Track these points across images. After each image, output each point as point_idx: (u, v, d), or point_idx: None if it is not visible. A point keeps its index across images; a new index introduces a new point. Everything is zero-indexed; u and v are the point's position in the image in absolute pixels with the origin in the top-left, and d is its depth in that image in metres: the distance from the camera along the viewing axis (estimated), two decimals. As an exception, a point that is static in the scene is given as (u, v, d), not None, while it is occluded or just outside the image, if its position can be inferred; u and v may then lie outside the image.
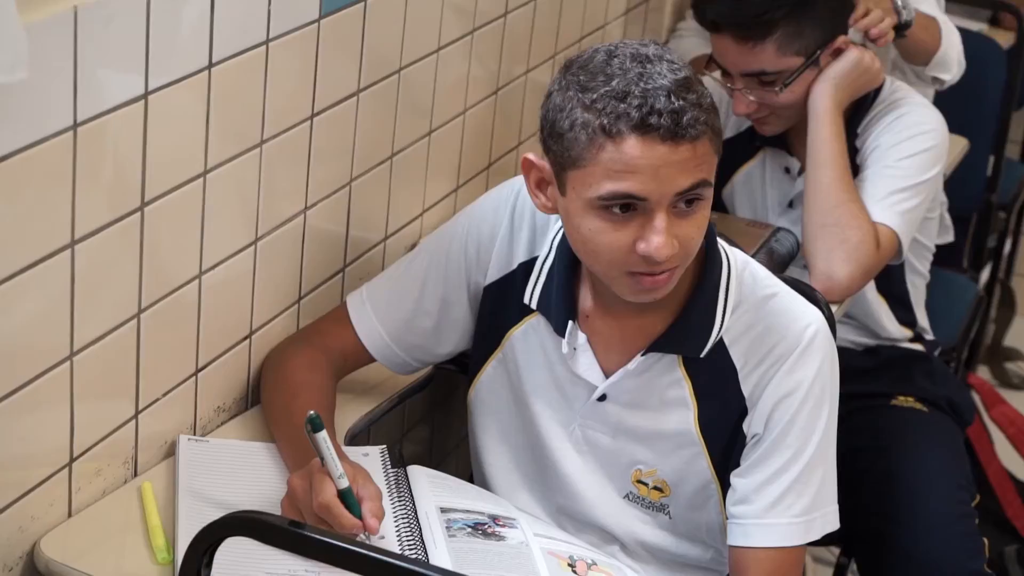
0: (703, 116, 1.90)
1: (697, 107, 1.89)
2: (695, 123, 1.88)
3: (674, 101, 1.87)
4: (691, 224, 1.95)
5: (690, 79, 1.91)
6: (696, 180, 1.91)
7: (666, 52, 1.94)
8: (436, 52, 2.57)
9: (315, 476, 1.91)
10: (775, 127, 2.90)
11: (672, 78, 1.89)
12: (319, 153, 2.30)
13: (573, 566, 2.05)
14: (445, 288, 2.23)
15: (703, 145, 1.91)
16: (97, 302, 1.93)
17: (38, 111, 1.72)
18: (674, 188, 1.90)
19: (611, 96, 1.89)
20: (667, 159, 1.89)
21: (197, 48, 1.96)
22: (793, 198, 2.96)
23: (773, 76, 2.77)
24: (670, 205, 1.92)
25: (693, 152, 1.90)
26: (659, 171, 1.89)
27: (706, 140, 1.91)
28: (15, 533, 1.92)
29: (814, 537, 2.09)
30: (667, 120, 1.87)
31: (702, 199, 1.95)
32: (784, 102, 2.80)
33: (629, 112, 1.88)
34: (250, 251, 2.21)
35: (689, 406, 2.11)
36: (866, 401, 2.95)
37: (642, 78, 1.89)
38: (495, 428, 2.26)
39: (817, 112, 2.77)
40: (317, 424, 1.89)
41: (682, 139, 1.88)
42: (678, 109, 1.87)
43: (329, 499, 1.89)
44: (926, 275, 3.14)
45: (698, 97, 1.90)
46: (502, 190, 2.22)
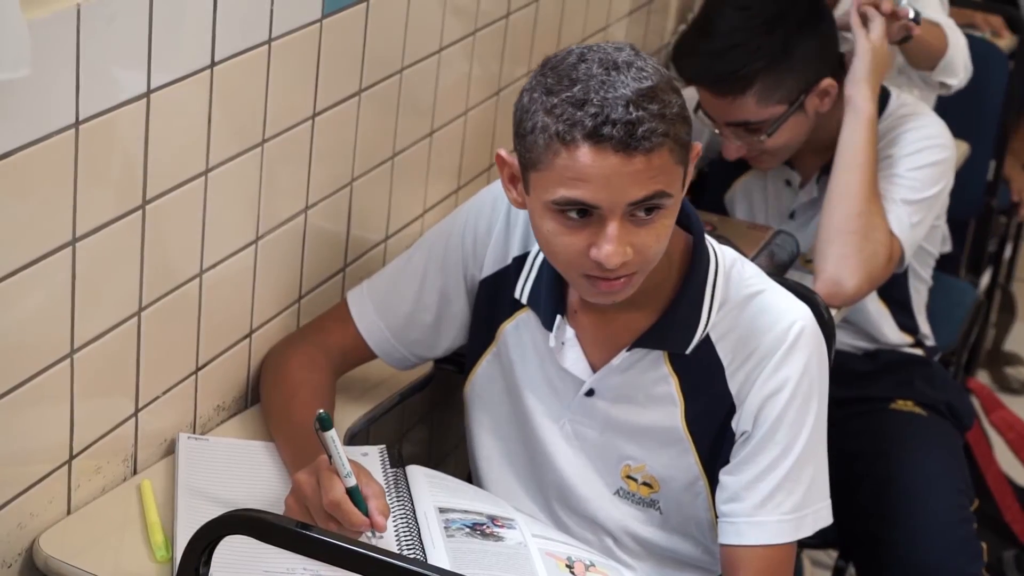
0: (662, 127, 1.88)
1: (658, 118, 1.87)
2: (651, 135, 1.86)
3: (631, 112, 1.86)
4: (649, 233, 1.94)
5: (655, 88, 1.89)
6: (650, 191, 1.90)
7: (639, 59, 1.92)
8: (438, 53, 2.57)
9: (323, 474, 1.91)
10: (770, 164, 2.92)
11: (635, 87, 1.87)
12: (320, 153, 2.30)
13: (571, 567, 2.06)
14: (444, 282, 2.24)
15: (660, 156, 1.89)
16: (98, 300, 1.93)
17: (40, 108, 1.73)
18: (626, 198, 1.90)
19: (569, 102, 1.88)
20: (619, 169, 1.88)
21: (199, 47, 1.96)
22: (795, 209, 2.96)
23: (757, 125, 2.77)
24: (627, 213, 1.91)
25: (648, 163, 1.88)
26: (611, 181, 1.88)
27: (664, 151, 1.89)
28: (14, 530, 1.92)
29: (805, 534, 2.09)
30: (620, 131, 1.86)
31: (662, 208, 1.93)
32: (772, 147, 2.81)
33: (584, 120, 1.87)
34: (251, 250, 2.21)
35: (676, 403, 2.11)
36: (865, 405, 2.94)
37: (604, 86, 1.87)
38: (490, 422, 2.27)
39: (857, 115, 2.75)
40: (327, 423, 1.89)
41: (635, 150, 1.86)
42: (634, 120, 1.86)
43: (339, 496, 1.89)
44: (929, 281, 3.14)
45: (661, 107, 1.88)
46: (499, 184, 2.22)
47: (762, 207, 3.03)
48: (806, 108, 2.78)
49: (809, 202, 2.94)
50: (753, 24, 2.72)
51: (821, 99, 2.79)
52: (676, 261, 2.08)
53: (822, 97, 2.79)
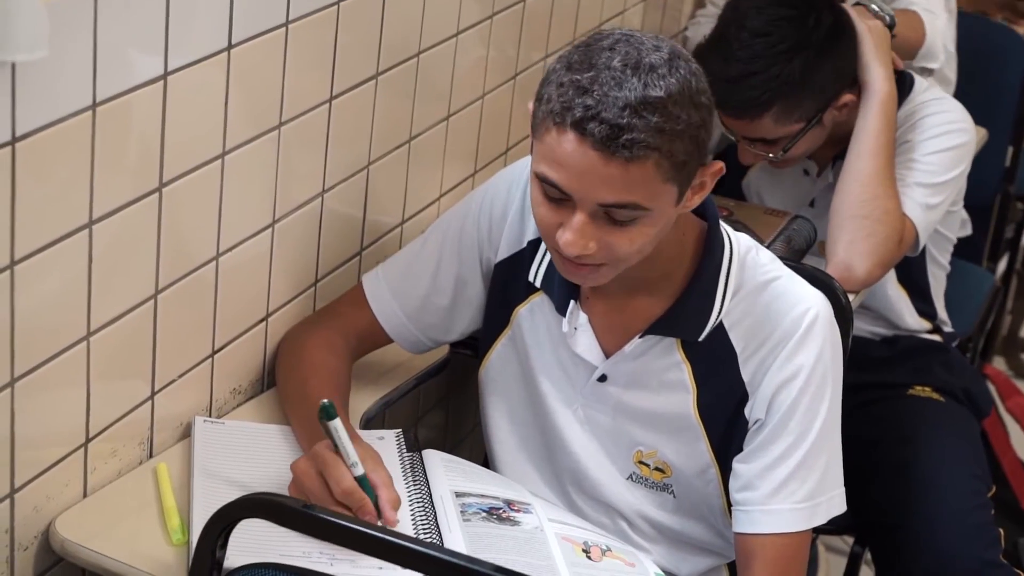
0: (653, 141, 1.83)
1: (652, 131, 1.83)
2: (634, 144, 1.83)
3: (624, 116, 1.83)
4: (622, 236, 1.92)
5: (664, 100, 1.84)
6: (621, 200, 1.88)
7: (669, 65, 1.86)
8: (455, 36, 2.57)
9: (328, 463, 1.91)
10: (791, 166, 2.91)
11: (640, 94, 1.84)
12: (337, 136, 2.30)
13: (587, 551, 2.05)
14: (459, 265, 2.23)
15: (642, 169, 1.85)
16: (114, 282, 1.93)
17: (57, 90, 1.72)
18: (596, 197, 1.88)
19: (575, 86, 1.86)
20: (595, 167, 1.85)
21: (217, 29, 1.96)
22: (815, 197, 2.95)
23: (774, 140, 2.76)
24: (599, 210, 1.90)
25: (625, 171, 1.85)
26: (585, 175, 1.87)
27: (649, 165, 1.85)
28: (31, 513, 1.92)
29: (819, 522, 2.08)
30: (604, 130, 1.83)
31: (638, 218, 1.90)
32: (789, 158, 2.80)
33: (576, 109, 1.85)
34: (267, 233, 2.21)
35: (688, 390, 2.11)
36: (883, 391, 2.94)
37: (612, 82, 1.84)
38: (504, 406, 2.27)
39: (873, 96, 2.75)
40: (331, 412, 1.89)
41: (614, 155, 1.84)
42: (623, 125, 1.83)
43: (351, 486, 1.89)
44: (947, 267, 3.13)
45: (662, 121, 1.84)
46: (516, 167, 2.22)
47: (779, 195, 3.02)
48: (824, 121, 2.78)
49: (826, 188, 2.93)
50: (773, 52, 2.68)
51: (840, 111, 2.78)
52: (690, 248, 2.07)
53: (841, 110, 2.78)
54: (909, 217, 2.71)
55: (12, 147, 1.68)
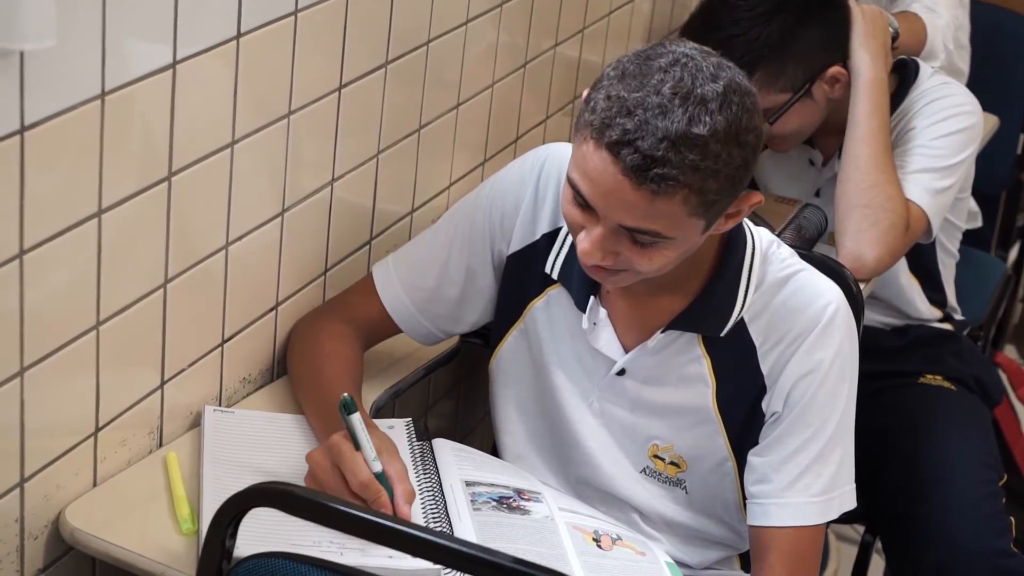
0: (685, 178, 1.81)
1: (686, 168, 1.80)
2: (664, 179, 1.80)
3: (661, 149, 1.80)
4: (641, 255, 1.91)
5: (706, 139, 1.80)
6: (643, 227, 1.87)
7: (716, 100, 1.82)
8: (464, 25, 2.56)
9: (344, 455, 1.91)
10: (785, 147, 2.90)
11: (683, 129, 1.80)
12: (346, 125, 2.29)
13: (598, 541, 2.05)
14: (470, 257, 2.23)
15: (668, 203, 1.83)
16: (124, 272, 1.93)
17: (66, 79, 1.72)
18: (618, 219, 1.87)
19: (620, 103, 1.83)
20: (621, 190, 1.84)
21: (225, 18, 1.95)
22: (820, 187, 2.95)
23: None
24: (621, 229, 1.89)
25: (651, 202, 1.83)
26: (610, 195, 1.85)
27: (676, 200, 1.83)
28: (40, 502, 1.92)
29: (832, 517, 2.09)
30: (637, 159, 1.81)
31: (658, 244, 1.90)
32: (779, 133, 2.79)
33: (615, 130, 1.82)
34: (277, 222, 2.21)
35: (708, 383, 2.10)
36: (894, 380, 2.94)
37: (658, 109, 1.81)
38: (515, 399, 2.26)
39: (859, 80, 2.75)
40: (351, 407, 1.89)
41: (642, 184, 1.82)
42: (657, 158, 1.80)
43: (368, 478, 1.89)
44: (956, 255, 3.12)
45: (699, 159, 1.80)
46: (528, 159, 2.21)
47: (785, 185, 3.02)
48: (814, 95, 2.77)
49: (832, 178, 2.92)
50: (753, 15, 2.71)
51: (831, 86, 2.78)
52: (712, 244, 2.07)
53: (832, 84, 2.78)
54: (919, 203, 2.70)
55: (21, 136, 1.67)
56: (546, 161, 2.17)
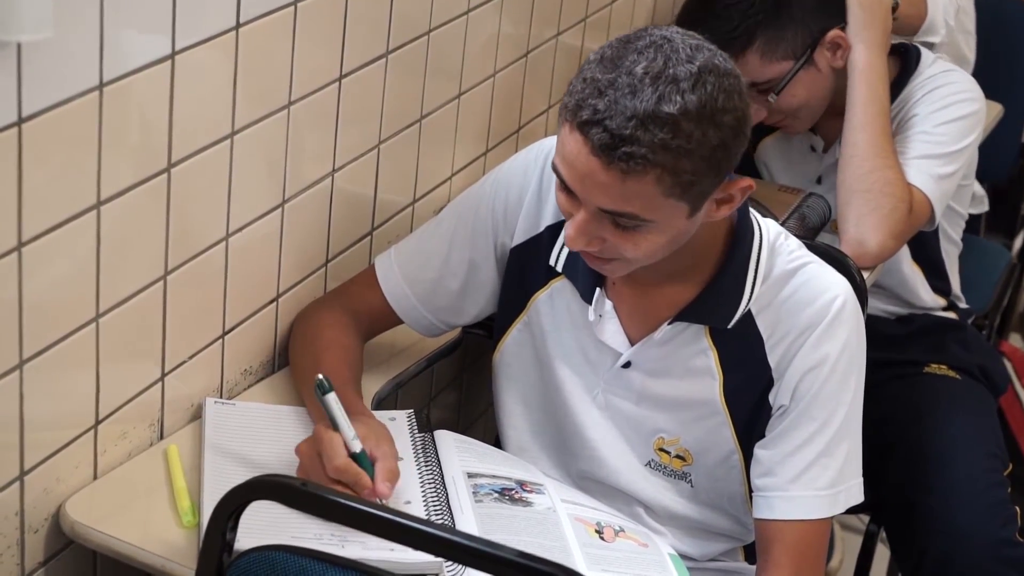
0: (654, 157, 1.80)
1: (656, 147, 1.80)
2: (632, 157, 1.80)
3: (628, 128, 1.79)
4: (626, 240, 1.91)
5: (675, 117, 1.79)
6: (619, 209, 1.86)
7: (690, 79, 1.81)
8: (466, 14, 2.55)
9: (324, 440, 1.91)
10: (799, 128, 2.89)
11: (652, 108, 1.80)
12: (347, 115, 2.28)
13: (600, 532, 2.05)
14: (472, 249, 2.22)
15: (640, 182, 1.82)
16: (123, 264, 1.92)
17: (64, 71, 1.71)
18: (595, 201, 1.87)
19: (593, 85, 1.83)
20: (593, 172, 1.84)
21: (224, 8, 1.94)
22: (821, 174, 2.94)
23: (766, 85, 2.75)
24: (602, 213, 1.89)
25: (622, 182, 1.83)
26: (585, 178, 1.86)
27: (648, 179, 1.82)
28: (40, 495, 1.92)
29: (839, 511, 2.08)
30: (604, 139, 1.81)
31: (640, 227, 1.89)
32: (787, 108, 2.79)
33: (585, 110, 1.83)
34: (277, 214, 2.20)
35: (715, 376, 2.10)
36: (899, 369, 2.93)
37: (629, 89, 1.81)
38: (519, 392, 2.26)
39: (853, 74, 2.74)
40: (326, 387, 1.90)
41: (611, 164, 1.82)
42: (625, 136, 1.80)
43: (344, 463, 1.88)
44: (959, 243, 3.12)
45: (669, 137, 1.80)
46: (531, 151, 2.21)
47: (788, 171, 3.01)
48: (817, 63, 2.77)
49: (833, 164, 2.92)
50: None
51: (833, 52, 2.77)
52: (719, 236, 2.06)
53: (833, 51, 2.77)
54: (922, 189, 2.70)
55: (19, 128, 1.67)
56: (550, 153, 2.16)
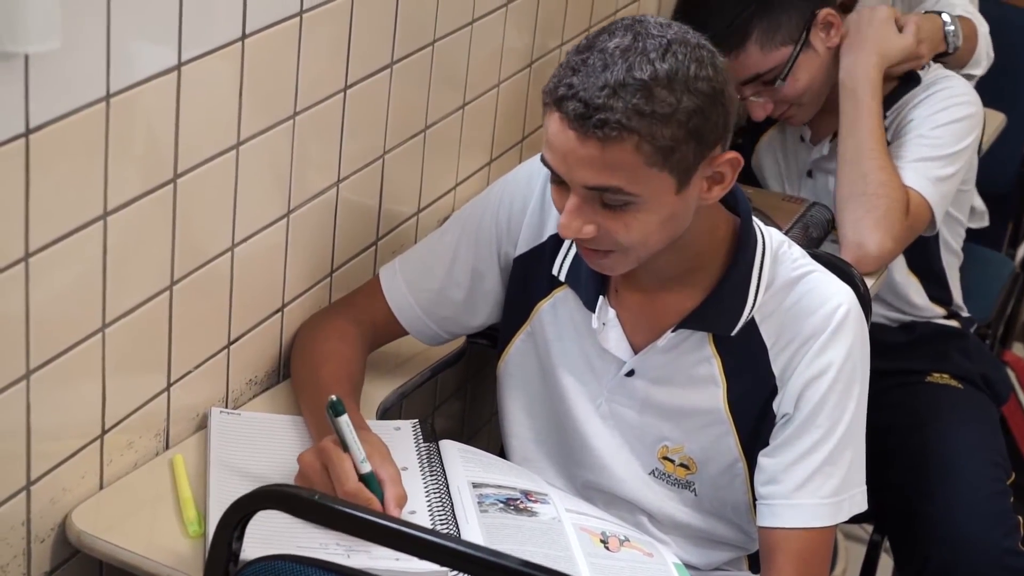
0: (630, 122, 1.82)
1: (630, 112, 1.82)
2: (605, 124, 1.82)
3: (601, 97, 1.82)
4: (616, 222, 1.91)
5: (647, 83, 1.82)
6: (602, 183, 1.87)
7: (659, 49, 1.85)
8: (470, 24, 2.56)
9: (335, 461, 1.90)
10: (803, 116, 2.90)
11: (624, 76, 1.83)
12: (352, 126, 2.29)
13: (606, 542, 2.05)
14: (476, 259, 2.22)
15: (619, 151, 1.84)
16: (129, 274, 1.92)
17: (70, 82, 1.72)
18: (579, 179, 1.88)
19: (568, 66, 1.88)
20: (573, 148, 1.86)
21: (230, 19, 1.95)
22: (811, 167, 2.94)
23: (769, 75, 2.76)
24: (593, 194, 1.89)
25: (601, 152, 1.84)
26: (567, 156, 1.87)
27: (627, 148, 1.83)
28: (47, 505, 1.92)
29: (843, 519, 2.08)
30: (578, 109, 1.83)
31: (628, 203, 1.89)
32: (793, 93, 2.80)
33: (560, 87, 1.86)
34: (282, 224, 2.20)
35: (719, 384, 2.10)
36: (901, 378, 2.93)
37: (600, 64, 1.84)
38: (523, 401, 2.26)
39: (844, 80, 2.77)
40: (339, 408, 1.88)
41: (587, 135, 1.83)
42: (599, 105, 1.82)
43: (355, 488, 1.88)
44: (959, 251, 3.12)
45: (643, 103, 1.82)
46: (535, 161, 2.21)
47: (783, 165, 3.02)
48: (814, 45, 2.79)
49: (821, 159, 2.93)
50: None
51: (827, 32, 2.80)
52: (722, 243, 2.06)
53: (827, 30, 2.80)
54: (920, 191, 2.71)
55: (26, 139, 1.67)
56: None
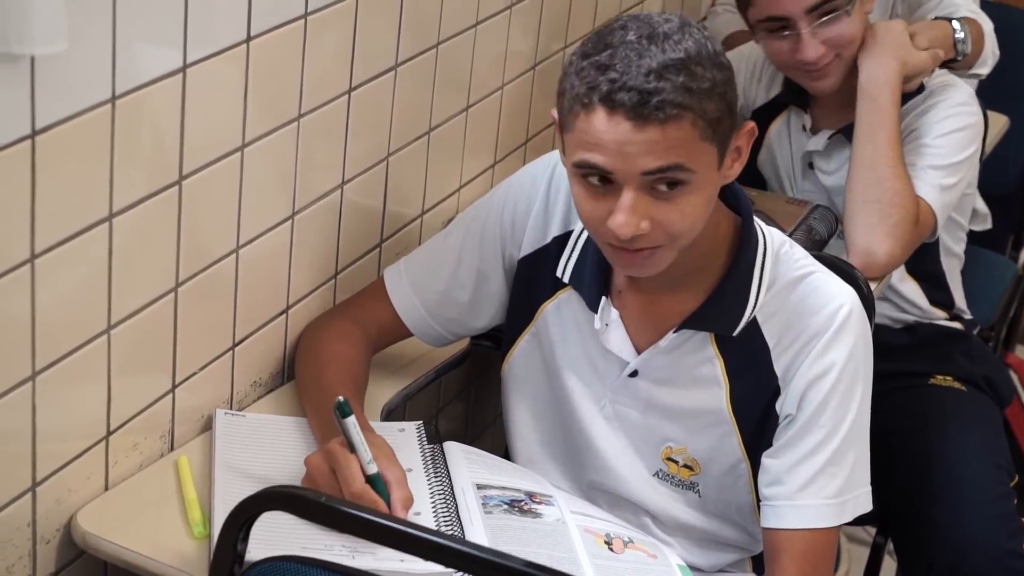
0: (683, 100, 1.84)
1: (680, 90, 1.84)
2: (665, 105, 1.83)
3: (651, 81, 1.84)
4: (671, 209, 1.91)
5: (685, 61, 1.85)
6: (665, 163, 1.87)
7: (682, 32, 1.89)
8: (474, 26, 2.56)
9: (341, 462, 1.90)
10: (835, 76, 2.83)
11: (662, 58, 1.85)
12: (356, 127, 2.29)
13: (610, 543, 2.05)
14: (481, 260, 2.23)
15: (678, 128, 1.85)
16: (134, 276, 1.93)
17: (76, 84, 1.72)
18: (638, 168, 1.87)
19: (595, 66, 1.87)
20: (631, 137, 1.85)
21: (235, 21, 1.95)
22: (812, 159, 2.94)
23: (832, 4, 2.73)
24: (646, 185, 1.89)
25: (662, 134, 1.85)
26: (623, 148, 1.86)
27: (685, 124, 1.85)
28: (52, 506, 1.92)
29: (847, 519, 2.08)
30: (634, 98, 1.84)
31: (685, 183, 1.90)
32: (849, 33, 2.75)
33: (601, 85, 1.86)
34: (287, 225, 2.21)
35: (721, 384, 2.10)
36: (904, 380, 2.93)
37: (632, 53, 1.86)
38: (528, 403, 2.26)
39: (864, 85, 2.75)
40: (346, 410, 1.88)
41: (648, 119, 1.84)
42: (651, 89, 1.83)
43: (361, 489, 1.88)
44: (960, 256, 3.12)
45: (687, 80, 1.85)
46: (539, 163, 2.22)
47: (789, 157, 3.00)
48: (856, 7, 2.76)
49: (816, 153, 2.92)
50: None
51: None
52: (724, 242, 2.07)
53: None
54: (926, 200, 2.71)
55: (32, 141, 1.68)
56: (557, 165, 2.17)
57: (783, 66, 2.85)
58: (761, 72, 3.00)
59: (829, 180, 2.91)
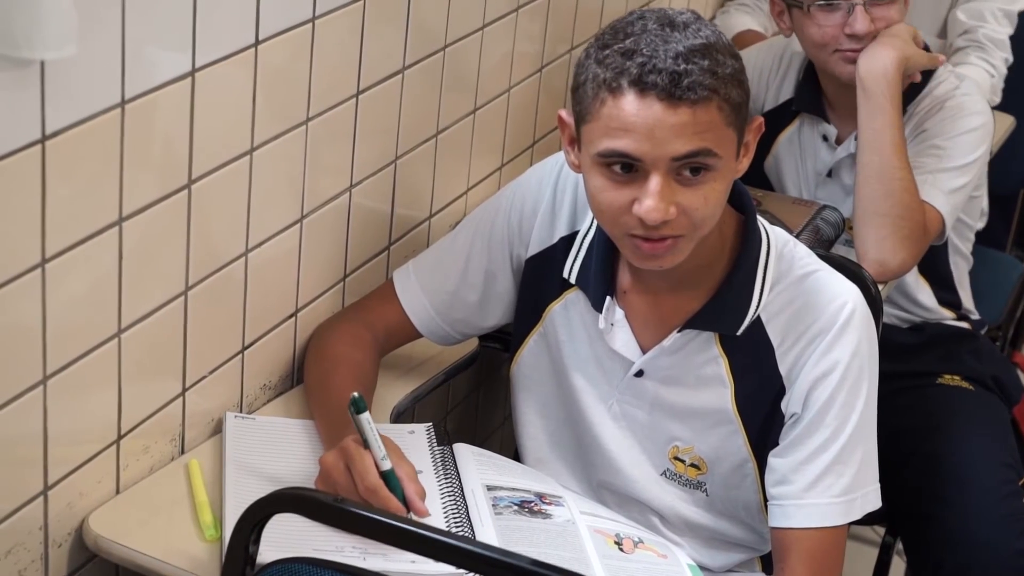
0: (711, 82, 1.87)
1: (707, 73, 1.87)
2: (696, 87, 1.86)
3: (680, 63, 1.86)
4: (696, 195, 1.92)
5: (709, 46, 1.89)
6: (695, 147, 1.88)
7: (698, 22, 1.92)
8: (481, 29, 2.57)
9: (355, 458, 1.91)
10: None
11: (687, 43, 1.88)
12: (364, 131, 2.30)
13: (620, 544, 2.05)
14: (489, 261, 2.23)
15: (707, 112, 1.87)
16: (144, 280, 1.93)
17: (86, 88, 1.73)
18: (669, 152, 1.88)
19: (620, 53, 1.89)
20: (663, 120, 1.86)
21: (244, 25, 1.96)
22: (832, 167, 2.94)
23: None
24: (672, 171, 1.90)
25: (693, 117, 1.87)
26: (654, 131, 1.87)
27: (712, 108, 1.88)
28: (64, 509, 1.93)
29: (855, 517, 2.08)
30: (665, 79, 1.85)
31: (709, 169, 1.91)
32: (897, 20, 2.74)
33: (631, 68, 1.87)
34: (296, 229, 2.21)
35: (726, 384, 2.10)
36: (912, 380, 2.93)
37: (657, 39, 1.88)
38: (536, 403, 2.26)
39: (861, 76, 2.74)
40: (361, 406, 1.89)
41: (680, 101, 1.86)
42: (681, 71, 1.85)
43: (376, 483, 1.88)
44: (968, 255, 3.12)
45: (712, 64, 1.87)
46: (546, 163, 2.22)
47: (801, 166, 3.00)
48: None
49: (846, 159, 2.91)
50: None
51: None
52: (727, 241, 2.07)
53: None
54: (933, 205, 2.71)
55: (42, 145, 1.68)
56: (564, 165, 2.18)
57: (822, 47, 2.79)
58: (771, 75, 3.00)
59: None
